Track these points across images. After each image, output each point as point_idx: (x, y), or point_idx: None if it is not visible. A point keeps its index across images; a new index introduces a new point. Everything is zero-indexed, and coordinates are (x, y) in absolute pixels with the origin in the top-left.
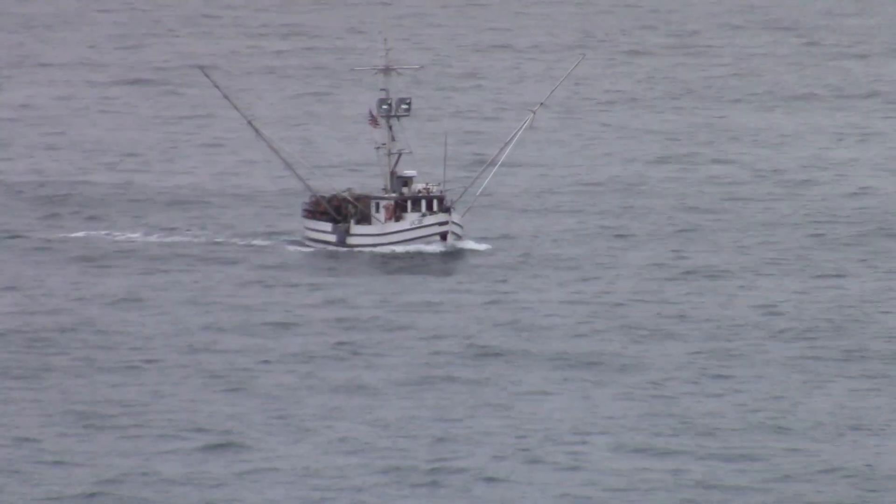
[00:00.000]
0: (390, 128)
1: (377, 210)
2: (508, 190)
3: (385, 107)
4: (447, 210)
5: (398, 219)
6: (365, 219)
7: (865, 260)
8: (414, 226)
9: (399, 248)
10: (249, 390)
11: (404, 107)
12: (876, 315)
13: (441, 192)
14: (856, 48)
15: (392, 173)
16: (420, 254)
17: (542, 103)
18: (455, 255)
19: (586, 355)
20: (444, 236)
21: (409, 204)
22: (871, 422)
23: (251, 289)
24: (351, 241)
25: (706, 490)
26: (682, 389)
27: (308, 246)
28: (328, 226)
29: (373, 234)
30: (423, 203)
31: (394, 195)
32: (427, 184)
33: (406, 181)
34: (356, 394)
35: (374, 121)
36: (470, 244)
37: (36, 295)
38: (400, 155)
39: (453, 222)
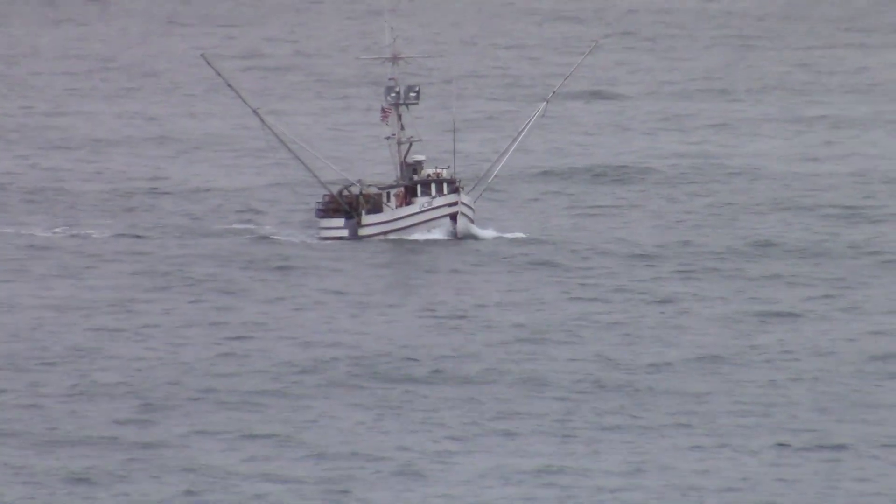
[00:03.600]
0: (399, 116)
1: (388, 199)
2: (521, 177)
3: (393, 95)
4: (456, 191)
5: (409, 204)
6: (377, 209)
7: None
8: (423, 208)
9: (409, 235)
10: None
11: (413, 94)
12: None
13: (451, 175)
14: None
15: (403, 161)
16: (431, 242)
17: (553, 92)
18: (463, 242)
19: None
20: (453, 217)
21: (418, 189)
22: None
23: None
24: (363, 231)
25: None
26: None
27: (320, 240)
28: (341, 221)
29: (383, 222)
30: (433, 187)
31: (403, 182)
32: (437, 168)
33: (415, 167)
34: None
35: (385, 115)
36: (480, 231)
37: None
38: (410, 144)
39: (463, 203)
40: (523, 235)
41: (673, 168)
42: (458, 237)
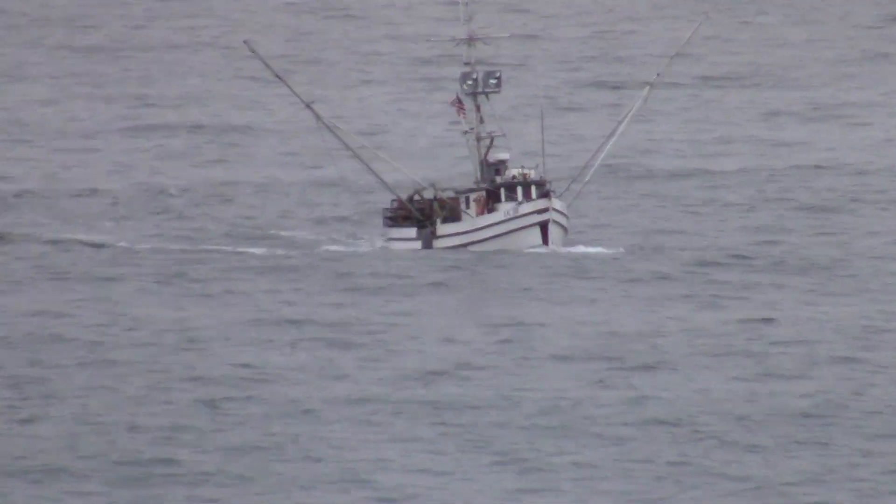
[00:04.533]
0: (478, 108)
1: (468, 205)
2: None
3: (470, 83)
4: (547, 195)
5: (491, 210)
6: (455, 217)
7: None
8: (508, 216)
9: (492, 247)
10: None
11: (493, 81)
12: None
13: (541, 175)
14: None
15: (483, 161)
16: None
17: (658, 74)
18: (558, 258)
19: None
20: (544, 227)
21: (502, 193)
22: None
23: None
24: (438, 242)
25: None
26: None
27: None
28: (413, 231)
29: (461, 233)
30: (520, 190)
31: (485, 185)
32: (523, 168)
33: (498, 168)
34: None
35: (460, 106)
36: (581, 247)
37: None
38: (492, 139)
39: (555, 209)
40: (622, 246)
41: (771, 166)
42: (550, 249)
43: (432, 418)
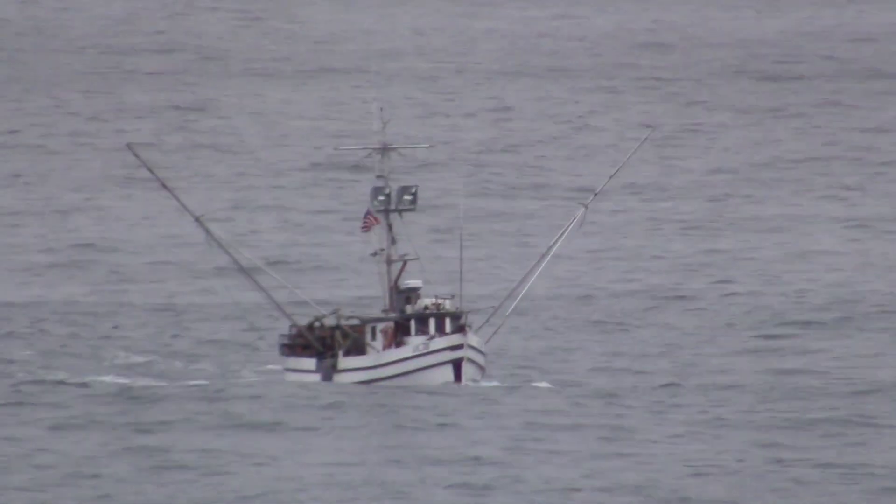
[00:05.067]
0: (390, 227)
1: (374, 337)
2: (553, 305)
3: (382, 198)
4: (462, 330)
5: (399, 344)
6: (359, 348)
7: None
8: (418, 352)
9: (399, 383)
10: None
11: (408, 198)
12: None
13: (456, 307)
14: None
15: (393, 287)
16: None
17: (595, 194)
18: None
19: None
20: (458, 365)
21: (412, 324)
22: None
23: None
24: (339, 377)
25: None
26: None
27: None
28: (311, 362)
29: (366, 367)
30: (432, 322)
31: (394, 315)
32: (437, 297)
33: (410, 296)
34: None
35: (370, 221)
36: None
37: None
38: (404, 263)
39: (471, 346)
40: (547, 384)
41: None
42: (462, 387)
43: None
